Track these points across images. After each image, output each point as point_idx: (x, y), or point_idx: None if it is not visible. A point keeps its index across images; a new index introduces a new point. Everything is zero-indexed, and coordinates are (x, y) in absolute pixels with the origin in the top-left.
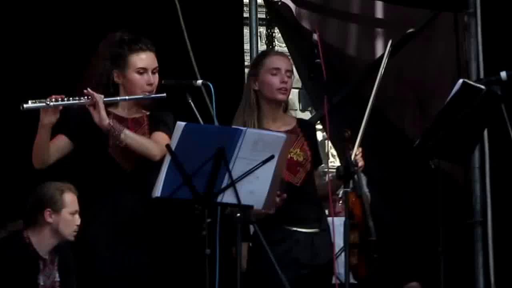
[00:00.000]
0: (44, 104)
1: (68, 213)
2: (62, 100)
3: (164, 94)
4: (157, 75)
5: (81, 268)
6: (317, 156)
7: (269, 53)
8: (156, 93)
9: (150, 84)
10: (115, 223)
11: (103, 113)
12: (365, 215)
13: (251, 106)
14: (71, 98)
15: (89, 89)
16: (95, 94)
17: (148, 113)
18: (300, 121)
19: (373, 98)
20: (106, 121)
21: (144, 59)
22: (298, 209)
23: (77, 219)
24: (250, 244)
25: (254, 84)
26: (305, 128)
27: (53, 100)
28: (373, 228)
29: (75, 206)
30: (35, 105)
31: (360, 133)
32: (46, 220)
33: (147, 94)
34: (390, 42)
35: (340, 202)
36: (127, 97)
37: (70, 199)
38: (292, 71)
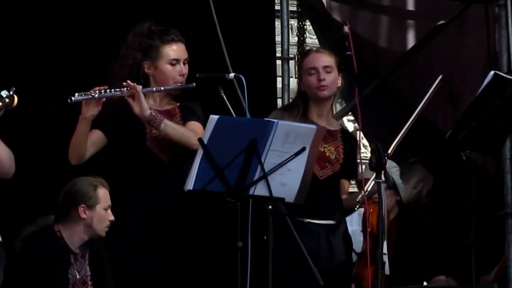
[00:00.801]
0: (90, 96)
1: (102, 209)
2: (105, 91)
3: (194, 84)
4: (187, 65)
5: (116, 262)
6: (353, 169)
7: (306, 53)
8: (185, 83)
9: (182, 75)
10: (154, 215)
11: (144, 103)
12: (380, 226)
13: (295, 104)
14: (112, 90)
15: (128, 81)
16: (136, 85)
17: (178, 104)
18: (344, 130)
19: (421, 107)
20: (148, 111)
21: (176, 50)
22: (315, 201)
23: (110, 215)
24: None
25: (301, 85)
26: (346, 138)
27: (97, 91)
28: (384, 243)
29: (108, 201)
30: (81, 97)
31: (400, 136)
32: (80, 216)
33: (179, 84)
34: (439, 77)
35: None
36: (162, 88)
37: (103, 195)
38: (331, 66)
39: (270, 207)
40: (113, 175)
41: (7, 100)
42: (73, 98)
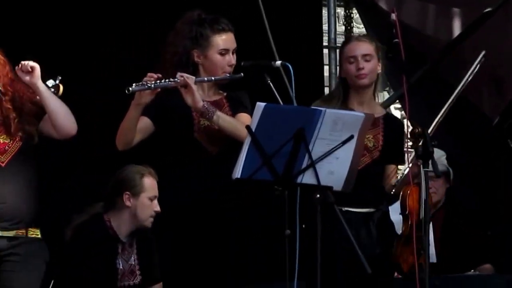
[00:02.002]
0: (147, 86)
1: (146, 198)
2: (160, 81)
3: (241, 74)
4: (235, 55)
5: (166, 252)
6: (399, 154)
7: (346, 41)
8: (233, 73)
9: (231, 65)
10: (201, 206)
11: (197, 95)
12: (420, 208)
13: (334, 93)
14: (167, 80)
15: (182, 74)
16: (189, 76)
17: (225, 94)
18: (388, 115)
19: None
20: (201, 103)
21: (226, 39)
22: (352, 190)
23: (155, 205)
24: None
25: (342, 72)
26: (390, 124)
27: (152, 80)
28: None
29: (155, 192)
30: (139, 88)
31: (438, 117)
32: (125, 204)
33: (227, 74)
34: (482, 53)
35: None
36: (213, 78)
37: (149, 184)
38: (371, 54)
39: (318, 195)
40: (160, 165)
41: (52, 89)
42: (130, 89)
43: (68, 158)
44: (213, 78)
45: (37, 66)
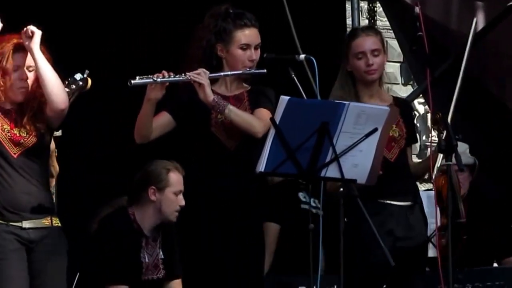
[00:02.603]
0: (151, 80)
1: (171, 193)
2: (169, 76)
3: (264, 70)
4: (259, 50)
5: (185, 247)
6: (412, 134)
7: (354, 35)
8: (256, 68)
9: (251, 60)
10: (220, 201)
11: (208, 89)
12: (455, 197)
13: (346, 86)
14: (177, 75)
15: (195, 72)
16: (201, 71)
17: (248, 88)
18: (396, 99)
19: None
20: (211, 97)
21: (248, 35)
22: (392, 183)
23: (180, 200)
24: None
25: (347, 65)
26: (402, 106)
27: (160, 76)
28: (462, 210)
29: (180, 187)
30: (142, 81)
31: (454, 100)
32: (150, 198)
33: (248, 69)
34: (474, 20)
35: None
36: (229, 72)
37: (175, 179)
38: (379, 49)
39: (342, 189)
40: (179, 160)
41: (80, 83)
42: (132, 82)
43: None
44: (229, 72)
45: (37, 31)
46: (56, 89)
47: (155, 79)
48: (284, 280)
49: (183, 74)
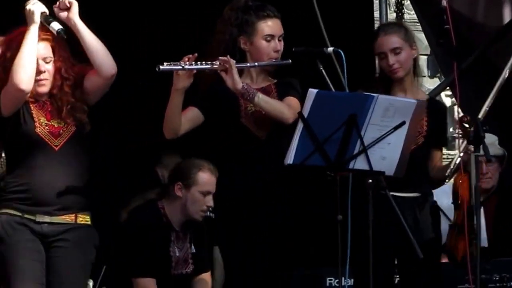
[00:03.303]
0: (179, 66)
1: (197, 192)
2: (195, 62)
3: (290, 60)
4: (282, 41)
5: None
6: (442, 137)
7: (376, 35)
8: (281, 59)
9: (276, 51)
10: (251, 191)
11: (237, 76)
12: (476, 199)
13: (375, 84)
14: (204, 62)
15: (221, 57)
16: (228, 59)
17: (275, 81)
18: (431, 100)
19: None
20: (240, 84)
21: (271, 26)
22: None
23: (208, 201)
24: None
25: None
26: (434, 108)
27: (187, 62)
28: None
29: (208, 187)
30: (170, 67)
31: (488, 102)
32: (176, 193)
33: (273, 60)
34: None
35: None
36: (256, 63)
37: (204, 179)
38: (399, 47)
39: (370, 181)
40: (211, 153)
41: None
42: (161, 67)
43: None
44: (256, 64)
45: (75, 2)
46: (106, 57)
47: (183, 65)
48: (312, 273)
49: (209, 62)
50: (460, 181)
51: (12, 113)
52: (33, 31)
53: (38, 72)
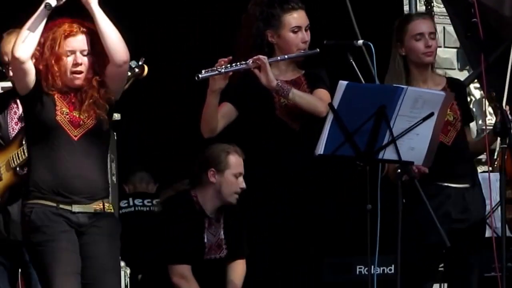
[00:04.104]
0: (216, 72)
1: (231, 175)
2: (230, 64)
3: (317, 50)
4: (309, 32)
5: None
6: (467, 113)
7: (411, 18)
8: (309, 49)
9: (304, 42)
10: (285, 182)
11: (271, 74)
12: (502, 192)
13: (398, 71)
14: (238, 63)
15: (259, 57)
16: (261, 57)
17: (303, 72)
18: (450, 80)
19: None
20: (275, 81)
21: (297, 17)
22: (449, 166)
23: (241, 182)
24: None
25: (401, 49)
26: (455, 88)
27: (223, 66)
28: None
29: (240, 169)
30: (209, 74)
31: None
32: (210, 180)
33: (302, 51)
34: None
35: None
36: (286, 56)
37: (234, 161)
38: (435, 32)
39: (399, 170)
40: (245, 146)
41: (136, 70)
42: (200, 76)
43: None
44: (286, 56)
45: None
46: (119, 44)
47: (220, 70)
48: (342, 261)
49: (243, 62)
50: (506, 157)
51: (26, 91)
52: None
53: (75, 64)
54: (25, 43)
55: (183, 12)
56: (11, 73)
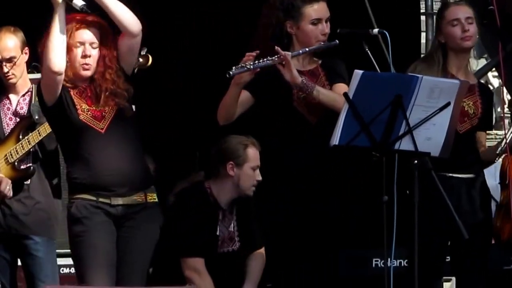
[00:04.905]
0: (245, 68)
1: (249, 168)
2: (258, 61)
3: (337, 41)
4: (329, 24)
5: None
6: (488, 119)
7: (448, 4)
8: (328, 41)
9: (324, 34)
10: (301, 173)
11: (295, 71)
12: None
13: (435, 58)
14: (264, 59)
15: (278, 48)
16: (286, 53)
17: (320, 61)
18: (480, 84)
19: None
20: (299, 79)
21: (318, 9)
22: (454, 156)
23: (257, 175)
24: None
25: (440, 37)
26: (484, 91)
27: (251, 62)
28: None
29: (257, 162)
30: (238, 70)
31: None
32: (228, 173)
33: (322, 43)
34: None
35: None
36: (307, 49)
37: (253, 154)
38: (472, 17)
39: (416, 161)
40: (261, 135)
41: (140, 60)
42: (231, 73)
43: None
44: (307, 49)
45: None
46: (130, 17)
47: (248, 67)
48: (359, 254)
49: (269, 58)
50: (508, 162)
51: (54, 100)
52: (59, 12)
53: (84, 56)
54: (57, 55)
55: (180, 10)
56: (4, 70)
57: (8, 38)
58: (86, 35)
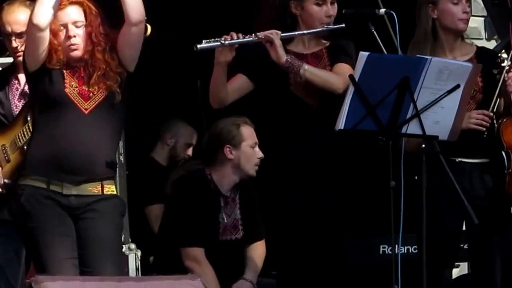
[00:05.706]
0: (218, 43)
1: (248, 146)
2: (238, 38)
3: (343, 25)
4: (335, 5)
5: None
6: (493, 82)
7: None
8: (334, 23)
9: (328, 16)
10: (304, 158)
11: (281, 50)
12: None
13: (426, 35)
14: (246, 36)
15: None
16: (272, 31)
17: (327, 44)
18: (480, 50)
19: None
20: (284, 57)
21: None
22: (464, 140)
23: (258, 152)
24: None
25: (433, 12)
26: (485, 58)
27: (228, 38)
28: None
29: (254, 139)
30: (209, 45)
31: None
32: (227, 157)
33: (325, 26)
34: None
35: None
36: (305, 31)
37: (247, 132)
38: (470, 3)
39: (424, 145)
40: (261, 120)
41: None
42: (199, 46)
43: None
44: (305, 31)
45: None
46: (136, 3)
47: (222, 42)
48: (366, 241)
49: (253, 35)
50: (503, 127)
51: (37, 65)
52: None
53: (68, 37)
54: (44, 9)
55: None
56: (13, 44)
57: (21, 12)
58: (66, 16)
